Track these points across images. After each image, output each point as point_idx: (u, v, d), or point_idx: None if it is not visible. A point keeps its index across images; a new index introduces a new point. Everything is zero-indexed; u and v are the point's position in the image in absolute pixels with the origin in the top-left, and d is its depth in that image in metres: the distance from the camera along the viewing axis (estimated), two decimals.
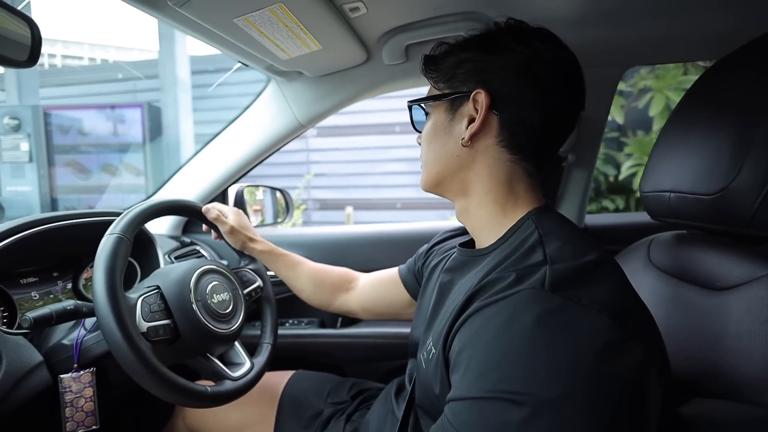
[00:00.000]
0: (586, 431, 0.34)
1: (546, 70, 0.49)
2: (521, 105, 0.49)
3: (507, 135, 0.50)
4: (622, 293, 0.42)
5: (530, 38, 0.50)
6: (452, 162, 0.53)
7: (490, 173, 0.52)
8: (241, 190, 1.21)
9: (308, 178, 4.60)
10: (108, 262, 0.64)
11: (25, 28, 0.51)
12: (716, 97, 0.55)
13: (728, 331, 0.46)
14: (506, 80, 0.49)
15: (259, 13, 0.66)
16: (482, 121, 0.50)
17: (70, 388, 0.71)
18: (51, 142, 4.28)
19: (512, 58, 0.49)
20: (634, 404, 0.36)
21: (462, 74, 0.52)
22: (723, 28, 0.78)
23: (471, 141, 0.51)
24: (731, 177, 0.47)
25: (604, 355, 0.36)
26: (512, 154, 0.51)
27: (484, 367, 0.38)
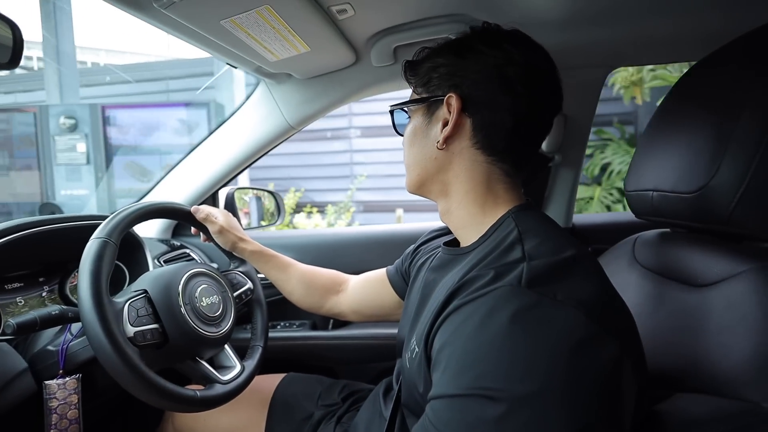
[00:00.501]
0: (562, 425, 0.35)
1: (518, 74, 0.49)
2: (492, 108, 0.50)
3: (480, 137, 0.51)
4: (599, 289, 0.43)
5: (502, 42, 0.51)
6: (431, 164, 0.55)
7: (467, 174, 0.53)
8: (232, 192, 1.21)
9: (361, 179, 4.35)
10: (93, 266, 0.63)
11: (6, 30, 0.50)
12: (698, 95, 0.56)
13: (709, 326, 0.47)
14: (477, 84, 0.50)
15: (245, 15, 0.66)
16: (455, 124, 0.51)
17: (54, 394, 0.70)
18: (109, 143, 4.07)
19: (483, 62, 0.50)
20: (609, 398, 0.37)
21: (437, 79, 0.53)
22: (708, 28, 0.80)
23: (446, 144, 0.52)
24: (710, 175, 0.48)
25: (578, 350, 0.36)
26: (487, 155, 0.52)
27: (462, 364, 0.39)
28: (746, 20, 0.73)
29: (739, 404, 0.40)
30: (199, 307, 0.73)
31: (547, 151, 1.00)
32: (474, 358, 0.38)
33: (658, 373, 0.51)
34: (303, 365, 1.16)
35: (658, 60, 0.96)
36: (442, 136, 0.52)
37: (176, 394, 0.64)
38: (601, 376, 0.36)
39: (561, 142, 0.99)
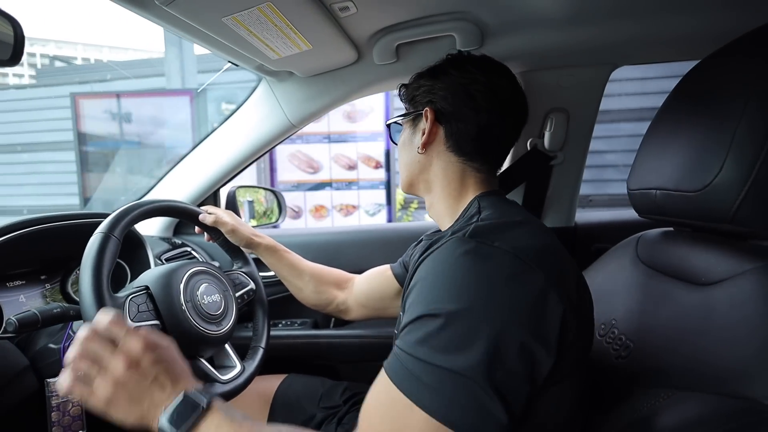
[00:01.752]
0: (487, 334, 0.42)
1: (479, 90, 0.60)
2: (459, 118, 0.61)
3: (452, 142, 0.62)
4: (537, 242, 0.49)
5: (469, 66, 0.62)
6: (415, 166, 0.66)
7: (444, 173, 0.64)
8: (233, 191, 1.21)
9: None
10: (95, 260, 0.63)
11: (7, 26, 0.50)
12: (701, 93, 0.55)
13: (713, 325, 0.46)
14: (446, 99, 0.61)
15: (247, 12, 0.66)
16: (429, 131, 0.62)
17: (56, 392, 0.70)
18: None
19: (452, 82, 0.62)
20: (531, 318, 0.43)
21: (418, 96, 0.65)
22: (713, 27, 0.79)
23: (425, 148, 0.64)
24: (714, 174, 0.48)
25: (507, 281, 0.45)
26: (459, 156, 0.62)
27: (419, 299, 0.47)
28: (752, 20, 0.73)
29: (743, 402, 0.39)
30: (200, 304, 0.73)
31: (549, 149, 1.00)
32: (426, 290, 0.47)
33: (661, 371, 0.50)
34: (304, 364, 1.16)
35: (662, 58, 0.95)
36: (420, 143, 0.63)
37: None
38: (524, 302, 0.44)
39: (564, 141, 0.99)
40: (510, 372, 0.41)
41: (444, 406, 0.40)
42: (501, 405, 0.40)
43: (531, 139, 1.01)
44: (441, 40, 0.87)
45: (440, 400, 0.40)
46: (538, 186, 1.05)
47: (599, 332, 0.65)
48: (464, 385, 0.40)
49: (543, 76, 0.94)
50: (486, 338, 0.41)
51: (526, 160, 1.02)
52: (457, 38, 0.84)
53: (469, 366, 0.40)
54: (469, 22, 0.81)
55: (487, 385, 0.40)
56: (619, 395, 0.54)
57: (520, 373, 0.42)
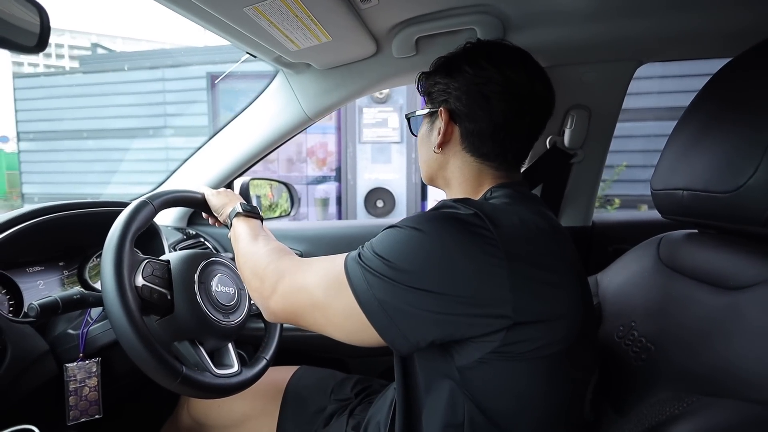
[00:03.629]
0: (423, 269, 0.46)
1: (495, 91, 0.57)
2: (473, 119, 0.59)
3: (467, 143, 0.61)
4: (513, 218, 0.49)
5: (483, 61, 0.58)
6: (433, 163, 0.65)
7: (461, 172, 0.63)
8: (247, 183, 1.21)
9: (619, 170, 3.97)
10: (129, 215, 0.68)
11: (34, 14, 0.50)
12: (733, 93, 0.54)
13: (742, 330, 0.45)
14: (460, 99, 0.59)
15: (269, 2, 0.65)
16: (444, 132, 0.61)
17: (75, 377, 0.71)
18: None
19: (465, 81, 0.59)
20: (471, 285, 0.45)
21: (434, 94, 0.63)
22: (741, 24, 0.77)
23: (441, 148, 0.62)
24: (748, 175, 0.46)
25: (462, 223, 0.47)
26: (476, 157, 0.61)
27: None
28: None
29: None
30: (212, 291, 0.74)
31: (569, 147, 0.98)
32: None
33: (684, 375, 0.49)
34: (314, 357, 1.17)
35: (688, 55, 0.92)
36: (436, 142, 0.62)
37: (162, 355, 0.63)
38: (473, 264, 0.46)
39: (585, 138, 0.97)
40: (420, 308, 0.46)
41: (366, 294, 0.47)
42: (407, 326, 0.46)
43: (551, 136, 0.99)
44: (462, 34, 0.86)
45: (365, 287, 0.47)
46: (556, 184, 1.04)
47: (617, 334, 0.64)
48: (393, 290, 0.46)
49: (565, 72, 0.93)
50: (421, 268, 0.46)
51: (546, 158, 1.00)
52: (478, 31, 0.83)
53: (401, 280, 0.46)
54: (491, 15, 0.80)
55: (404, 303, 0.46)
56: (639, 398, 0.53)
57: (430, 315, 0.45)
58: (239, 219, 0.73)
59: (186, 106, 5.55)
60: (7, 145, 9.31)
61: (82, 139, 6.19)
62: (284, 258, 0.60)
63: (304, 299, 0.53)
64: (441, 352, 0.50)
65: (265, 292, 0.58)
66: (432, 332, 0.46)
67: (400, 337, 0.47)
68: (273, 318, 0.59)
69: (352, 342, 0.51)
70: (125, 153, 6.03)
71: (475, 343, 0.47)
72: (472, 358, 0.47)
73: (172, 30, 40.96)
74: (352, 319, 0.48)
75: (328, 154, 4.06)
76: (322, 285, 0.51)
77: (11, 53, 0.52)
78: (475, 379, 0.49)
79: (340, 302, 0.49)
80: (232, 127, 1.12)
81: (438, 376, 0.52)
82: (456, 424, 0.50)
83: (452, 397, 0.50)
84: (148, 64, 6.11)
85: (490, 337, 0.46)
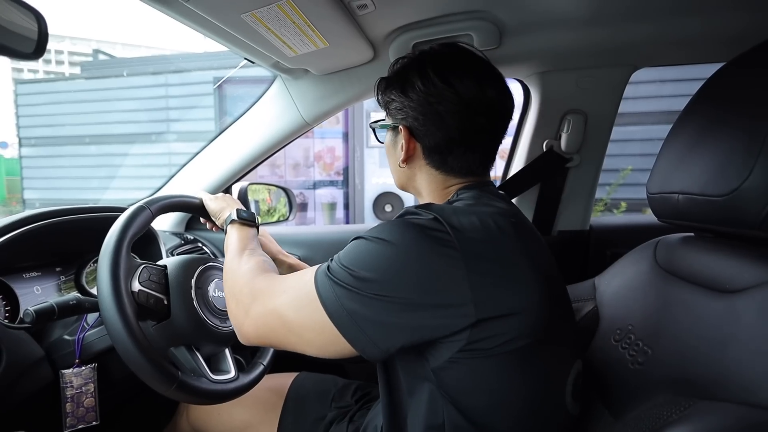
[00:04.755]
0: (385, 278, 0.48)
1: (448, 109, 0.57)
2: (431, 137, 0.60)
3: (430, 159, 0.62)
4: (470, 220, 0.50)
5: (434, 77, 0.57)
6: (401, 176, 0.66)
7: (428, 183, 0.64)
8: (245, 188, 1.21)
9: (625, 173, 3.93)
10: (127, 219, 0.68)
11: (32, 20, 0.51)
12: (728, 97, 0.54)
13: (739, 333, 0.45)
14: (417, 119, 0.60)
15: (266, 8, 0.66)
16: (407, 149, 0.62)
17: (71, 383, 0.71)
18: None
19: (418, 100, 0.59)
20: (431, 287, 0.47)
21: (392, 110, 0.63)
22: (736, 29, 0.78)
23: (406, 163, 0.63)
24: (742, 178, 0.46)
25: (421, 230, 0.49)
26: (439, 171, 0.62)
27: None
28: None
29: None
30: (209, 296, 0.73)
31: (566, 151, 0.98)
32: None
33: (682, 379, 0.49)
34: (312, 363, 1.16)
35: (684, 61, 0.93)
36: (401, 158, 0.63)
37: (158, 361, 0.62)
38: (431, 267, 0.47)
39: (581, 143, 0.97)
40: (385, 314, 0.47)
41: (334, 305, 0.48)
42: (378, 335, 0.47)
43: (547, 140, 0.99)
44: (458, 39, 0.86)
45: (333, 299, 0.49)
46: (553, 188, 1.04)
47: (614, 337, 0.64)
48: (360, 299, 0.47)
49: (561, 77, 0.93)
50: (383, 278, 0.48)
51: (541, 161, 1.01)
52: (475, 37, 0.83)
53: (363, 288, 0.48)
54: (487, 22, 0.81)
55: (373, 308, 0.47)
56: (636, 402, 0.53)
57: (398, 321, 0.47)
58: (233, 227, 0.73)
59: (188, 111, 5.57)
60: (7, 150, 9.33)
61: (83, 144, 6.21)
62: (258, 278, 0.60)
63: (276, 322, 0.54)
64: (416, 355, 0.51)
65: (239, 316, 0.59)
66: (400, 338, 0.48)
67: (370, 345, 0.48)
68: (246, 342, 0.59)
69: (326, 356, 0.52)
70: (127, 159, 6.04)
71: (443, 343, 0.48)
72: (443, 358, 0.49)
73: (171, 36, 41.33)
74: (324, 333, 0.49)
75: (336, 159, 4.08)
76: (293, 305, 0.53)
77: (10, 59, 0.52)
78: (449, 379, 0.50)
79: (311, 318, 0.50)
80: (230, 133, 1.12)
81: (418, 379, 0.53)
82: (437, 425, 0.52)
83: (432, 398, 0.52)
84: (149, 69, 6.14)
85: (457, 336, 0.47)
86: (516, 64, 0.94)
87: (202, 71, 5.52)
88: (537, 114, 1.00)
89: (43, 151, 6.37)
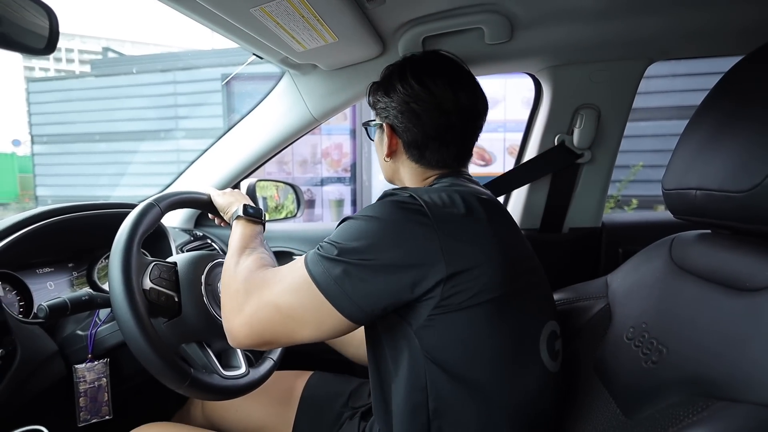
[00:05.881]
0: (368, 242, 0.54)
1: (423, 108, 0.65)
2: (410, 133, 0.67)
3: (409, 153, 0.69)
4: (440, 196, 0.57)
5: (411, 79, 0.66)
6: (387, 169, 0.74)
7: (410, 176, 0.71)
8: (253, 184, 1.21)
9: (636, 170, 3.88)
10: (136, 217, 0.68)
11: (43, 16, 0.51)
12: (747, 90, 0.53)
13: (758, 332, 0.44)
14: (397, 117, 0.68)
15: (275, 3, 0.65)
16: (389, 144, 0.69)
17: (84, 378, 0.72)
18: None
19: (398, 100, 0.67)
20: (405, 248, 0.53)
21: (378, 110, 0.71)
22: (752, 21, 0.76)
23: (390, 157, 0.71)
24: (764, 174, 0.45)
25: (398, 204, 0.55)
26: (420, 164, 0.69)
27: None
28: None
29: None
30: (219, 292, 0.74)
31: (577, 146, 0.97)
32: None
33: (699, 378, 0.48)
34: (322, 359, 1.17)
35: (699, 53, 0.91)
36: (384, 152, 0.71)
37: (170, 358, 0.63)
38: (406, 231, 0.54)
39: (594, 138, 0.96)
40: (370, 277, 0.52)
41: (322, 277, 0.53)
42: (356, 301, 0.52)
43: (559, 134, 0.98)
44: (469, 33, 0.85)
45: (322, 271, 0.54)
46: (564, 184, 1.02)
47: (627, 335, 0.63)
48: (343, 267, 0.53)
49: (574, 71, 0.91)
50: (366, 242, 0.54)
51: (552, 154, 0.99)
52: (486, 31, 0.82)
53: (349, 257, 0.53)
54: (499, 14, 0.79)
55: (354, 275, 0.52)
56: (650, 401, 0.52)
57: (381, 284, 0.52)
58: (238, 222, 0.74)
59: (197, 108, 5.61)
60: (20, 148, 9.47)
61: (94, 141, 6.28)
62: (253, 275, 0.61)
63: (271, 313, 0.56)
64: (398, 320, 0.56)
65: (230, 315, 0.59)
66: (382, 299, 0.53)
67: (356, 309, 0.53)
68: (237, 345, 0.59)
69: (322, 335, 0.56)
70: (137, 155, 6.10)
71: (420, 303, 0.54)
72: (422, 317, 0.54)
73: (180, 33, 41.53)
74: (320, 309, 0.53)
75: (343, 155, 4.10)
76: (288, 290, 0.56)
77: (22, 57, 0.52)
78: (429, 337, 0.55)
79: (307, 297, 0.54)
80: (238, 129, 1.12)
81: (401, 345, 0.58)
82: (420, 387, 0.56)
83: (414, 361, 0.56)
84: (158, 67, 6.18)
85: (432, 293, 0.53)
86: (528, 58, 0.93)
87: (211, 68, 5.56)
88: (549, 109, 0.99)
89: (54, 148, 6.46)
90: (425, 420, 0.57)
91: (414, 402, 0.57)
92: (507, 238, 0.60)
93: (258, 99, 1.11)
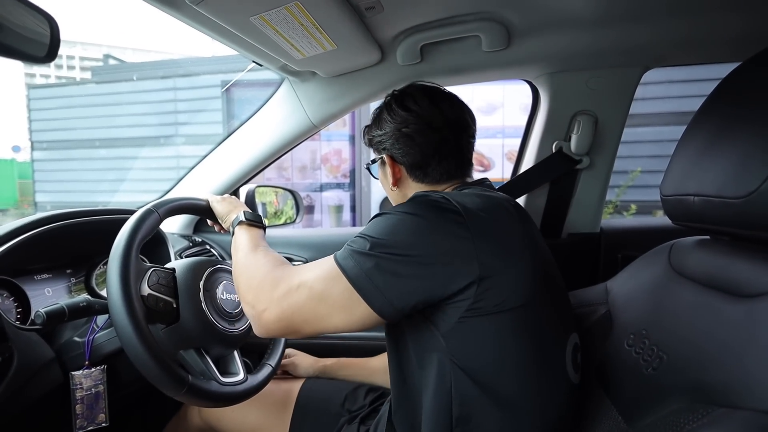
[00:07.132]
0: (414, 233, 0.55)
1: (414, 130, 0.69)
2: (409, 156, 0.70)
3: (414, 175, 0.72)
4: (472, 200, 0.58)
5: (397, 108, 0.70)
6: (396, 196, 0.76)
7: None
8: (252, 190, 1.21)
9: (634, 175, 3.95)
10: (135, 223, 0.68)
11: (44, 24, 0.51)
12: (745, 96, 0.53)
13: (758, 339, 0.44)
14: (393, 145, 0.71)
15: (275, 11, 0.66)
16: (392, 173, 0.73)
17: (81, 384, 0.71)
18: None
19: (390, 128, 0.71)
20: (441, 249, 0.54)
21: (375, 145, 0.75)
22: (748, 28, 0.76)
23: (396, 185, 0.74)
24: (762, 179, 0.45)
25: (432, 203, 0.57)
26: (426, 183, 0.72)
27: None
28: None
29: None
30: (217, 298, 0.73)
31: (575, 152, 0.97)
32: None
33: (699, 385, 0.48)
34: None
35: (695, 60, 0.92)
36: (390, 182, 0.74)
37: (168, 365, 0.62)
38: (441, 233, 0.54)
39: (591, 144, 0.96)
40: (402, 272, 0.53)
41: (354, 270, 0.54)
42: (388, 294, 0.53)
43: (557, 141, 0.98)
44: (466, 41, 0.86)
45: (353, 265, 0.54)
46: (562, 190, 1.03)
47: (627, 342, 0.63)
48: (375, 263, 0.53)
49: (571, 78, 0.92)
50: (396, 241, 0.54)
51: (550, 162, 1.00)
52: (483, 39, 0.83)
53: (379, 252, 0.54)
54: (496, 23, 0.80)
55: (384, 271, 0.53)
56: (650, 408, 0.52)
57: (412, 279, 0.53)
58: (241, 228, 0.74)
59: (196, 115, 5.63)
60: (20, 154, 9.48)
61: (93, 148, 6.29)
62: (279, 268, 0.62)
63: (303, 296, 0.56)
64: (425, 324, 0.57)
65: (259, 305, 0.59)
66: (414, 295, 0.53)
67: (386, 304, 0.53)
68: (265, 332, 0.59)
69: (351, 326, 0.56)
70: (136, 162, 6.11)
71: (450, 305, 0.54)
72: (452, 320, 0.54)
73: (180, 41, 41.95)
74: (350, 301, 0.54)
75: (342, 161, 4.12)
76: (320, 277, 0.56)
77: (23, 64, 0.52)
78: (456, 342, 0.55)
79: (337, 288, 0.54)
80: (238, 135, 1.13)
81: (427, 349, 0.58)
82: (445, 391, 0.56)
83: (440, 365, 0.56)
84: (158, 73, 6.22)
85: (464, 294, 0.53)
86: (525, 65, 0.94)
87: (210, 75, 5.58)
88: (546, 115, 0.99)
89: (54, 154, 6.46)
90: (448, 422, 0.57)
91: (439, 403, 0.57)
92: (536, 244, 0.61)
93: (257, 105, 1.11)
